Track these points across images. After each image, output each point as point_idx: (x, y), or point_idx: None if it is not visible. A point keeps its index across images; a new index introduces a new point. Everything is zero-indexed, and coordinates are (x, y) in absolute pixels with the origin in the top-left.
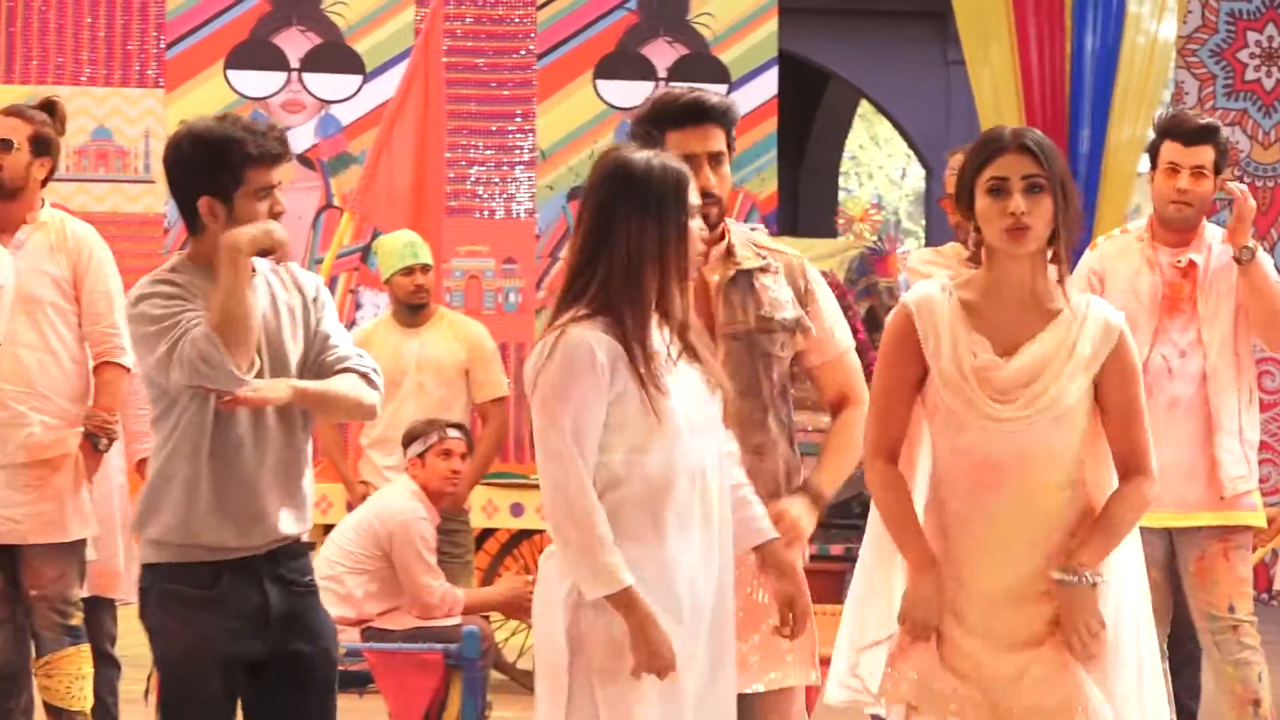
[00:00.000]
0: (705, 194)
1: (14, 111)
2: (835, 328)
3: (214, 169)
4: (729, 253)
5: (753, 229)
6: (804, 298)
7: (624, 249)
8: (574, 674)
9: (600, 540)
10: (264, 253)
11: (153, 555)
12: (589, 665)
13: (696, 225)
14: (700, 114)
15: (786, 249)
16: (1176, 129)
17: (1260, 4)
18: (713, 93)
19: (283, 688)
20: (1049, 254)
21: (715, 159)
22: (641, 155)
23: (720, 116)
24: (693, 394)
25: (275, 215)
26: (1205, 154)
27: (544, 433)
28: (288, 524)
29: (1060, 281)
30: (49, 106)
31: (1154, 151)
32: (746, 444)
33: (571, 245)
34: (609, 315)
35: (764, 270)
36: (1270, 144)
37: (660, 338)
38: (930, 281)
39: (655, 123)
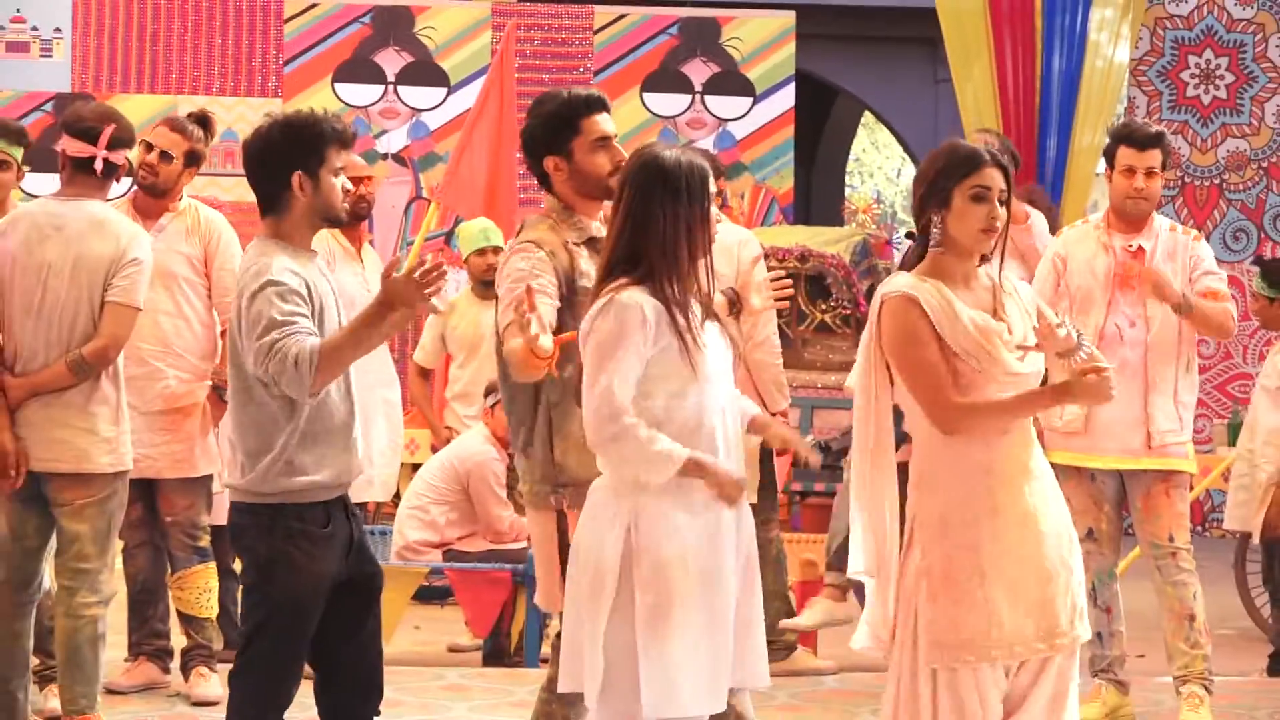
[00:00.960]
0: (619, 166)
1: (177, 127)
2: None
3: (303, 147)
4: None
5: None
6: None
7: (661, 229)
8: (621, 583)
9: (649, 437)
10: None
11: (277, 497)
12: (637, 577)
13: (714, 211)
14: (602, 104)
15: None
16: (1131, 136)
17: (1199, 33)
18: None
19: (356, 604)
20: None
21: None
22: (671, 152)
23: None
24: (714, 348)
25: (349, 195)
26: (1156, 156)
27: (594, 374)
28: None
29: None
30: (204, 121)
31: (1110, 155)
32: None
33: (613, 226)
34: (653, 283)
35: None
36: (1207, 150)
37: (692, 301)
38: (900, 275)
39: (576, 116)
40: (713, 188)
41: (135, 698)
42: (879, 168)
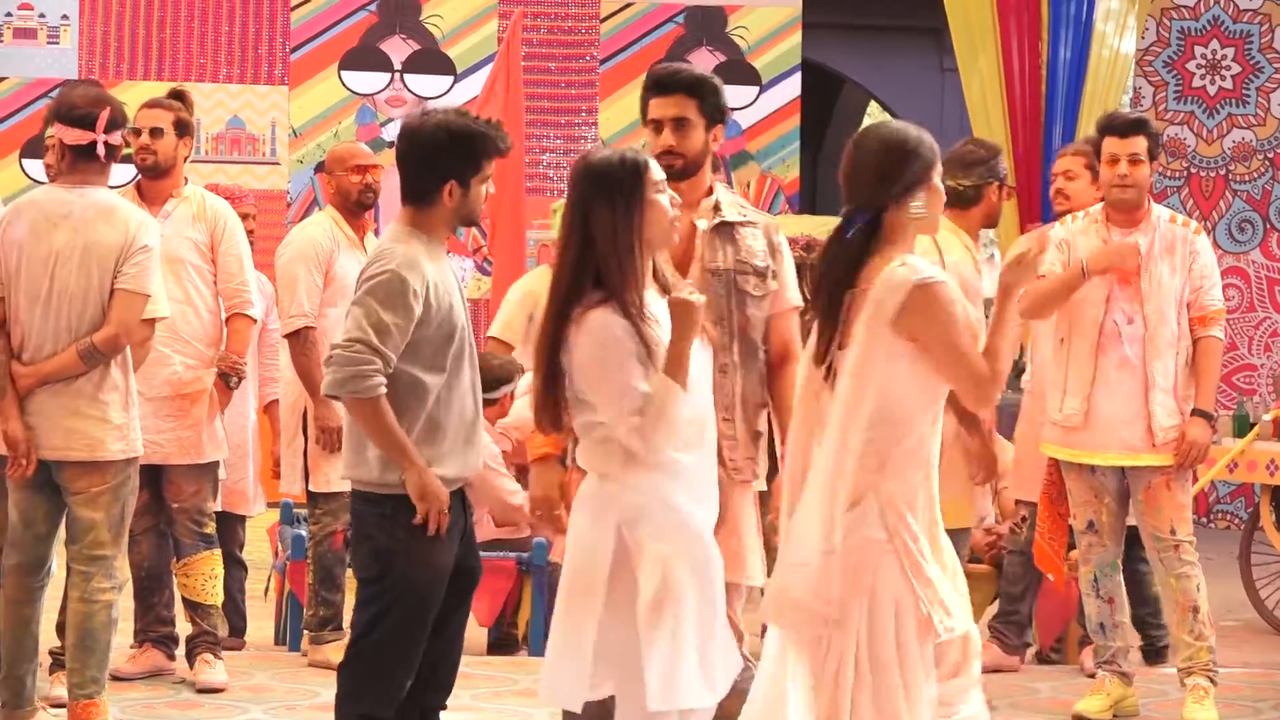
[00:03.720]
0: (667, 151)
1: (156, 103)
2: (788, 287)
3: (464, 158)
4: (716, 207)
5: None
6: (773, 253)
7: (611, 240)
8: (615, 575)
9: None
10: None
11: (398, 488)
12: (633, 571)
13: (665, 197)
14: (666, 85)
15: (763, 215)
16: (1112, 125)
17: (1206, 23)
18: (693, 68)
19: (453, 596)
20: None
21: (678, 123)
22: (602, 153)
23: (686, 87)
24: (694, 357)
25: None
26: (1140, 143)
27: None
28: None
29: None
30: (179, 95)
31: (1097, 148)
32: (715, 363)
33: (562, 236)
34: (615, 300)
35: (744, 224)
36: (1213, 140)
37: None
38: (918, 260)
39: (644, 94)
40: (656, 175)
41: (140, 684)
42: None
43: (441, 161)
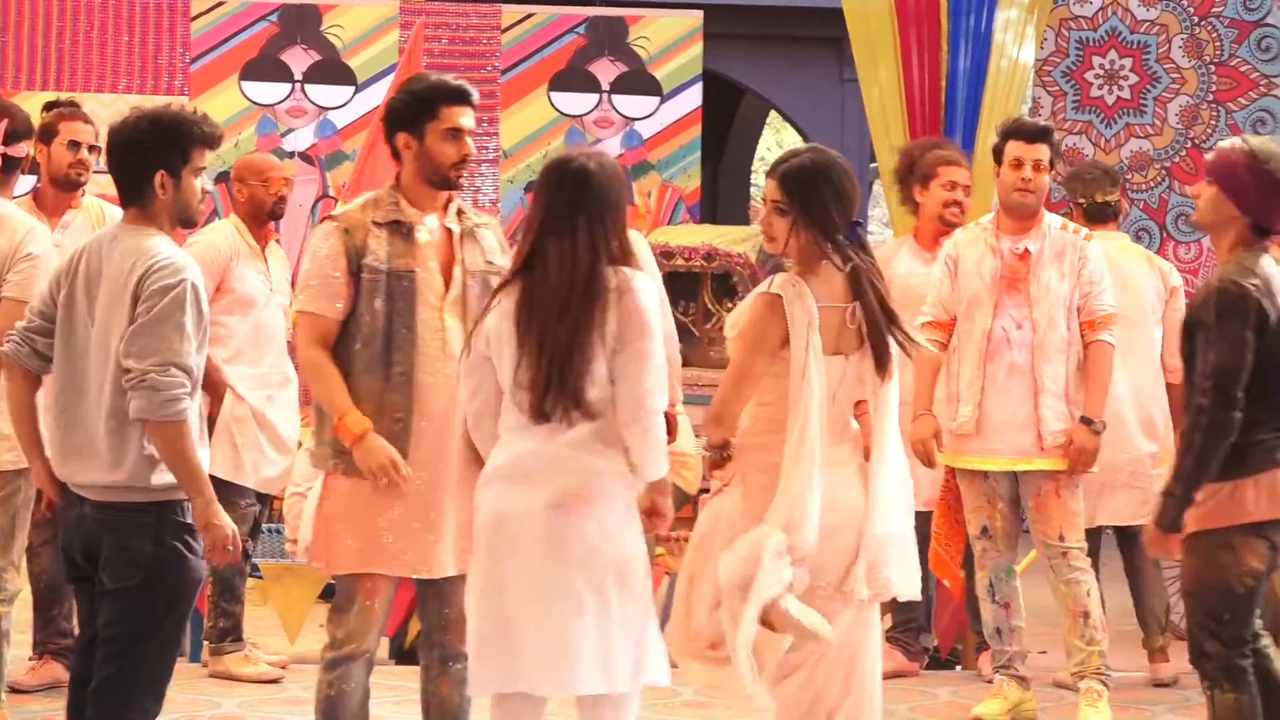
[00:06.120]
0: (465, 160)
1: (89, 119)
2: None
3: (170, 146)
4: (460, 212)
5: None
6: (502, 250)
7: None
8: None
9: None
10: None
11: (166, 495)
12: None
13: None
14: (465, 97)
15: (488, 218)
16: (1020, 129)
17: (1104, 34)
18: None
19: None
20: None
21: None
22: (586, 158)
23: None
24: None
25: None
26: (1043, 150)
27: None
28: None
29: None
30: (73, 105)
31: (999, 151)
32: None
33: (531, 229)
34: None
35: (482, 226)
36: (1111, 149)
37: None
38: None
39: (437, 101)
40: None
41: (39, 696)
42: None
43: (149, 151)
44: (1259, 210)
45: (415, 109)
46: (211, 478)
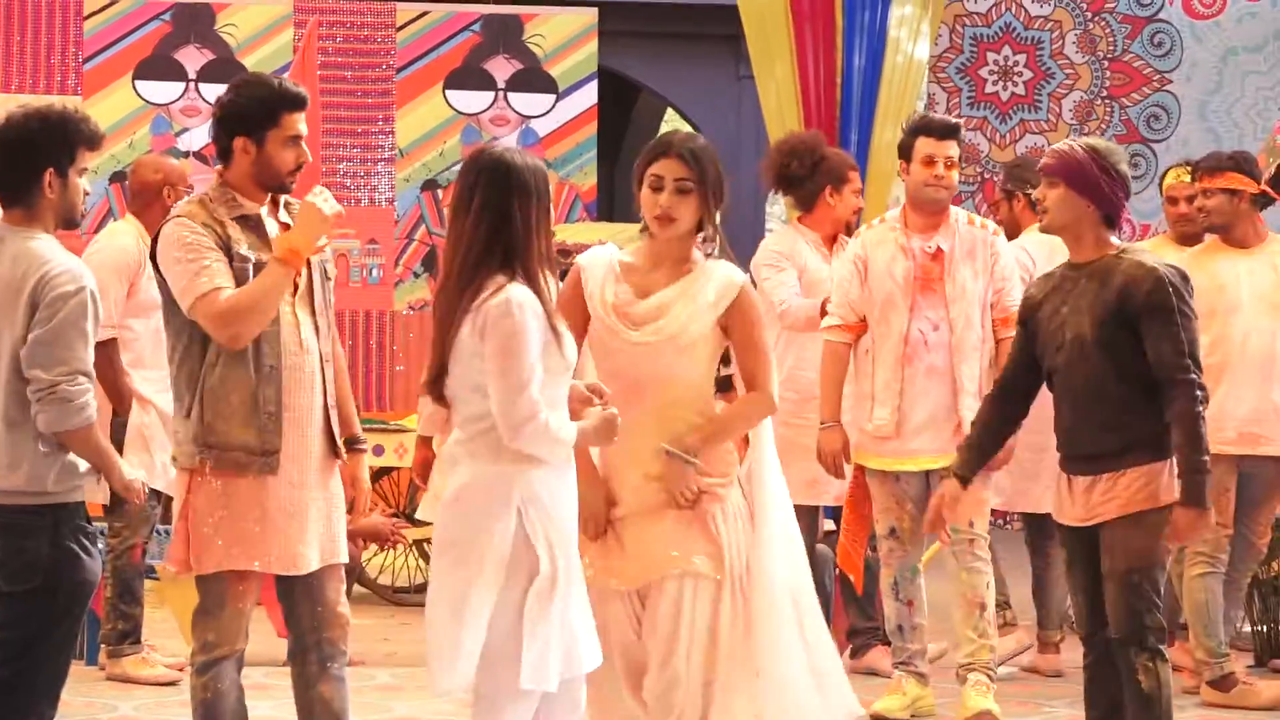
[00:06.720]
0: (301, 166)
1: None
2: None
3: (58, 144)
4: (288, 204)
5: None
6: None
7: (518, 228)
8: (512, 566)
9: (556, 425)
10: None
11: (62, 497)
12: (529, 556)
13: None
14: (304, 103)
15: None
16: (930, 126)
17: (998, 30)
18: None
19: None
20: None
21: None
22: (516, 154)
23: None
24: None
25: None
26: (953, 147)
27: (508, 375)
28: None
29: (713, 254)
30: None
31: (908, 148)
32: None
33: (462, 224)
34: (526, 280)
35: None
36: (1006, 145)
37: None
38: (601, 248)
39: (280, 109)
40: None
41: None
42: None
43: (38, 149)
44: (1110, 203)
45: (256, 114)
46: None
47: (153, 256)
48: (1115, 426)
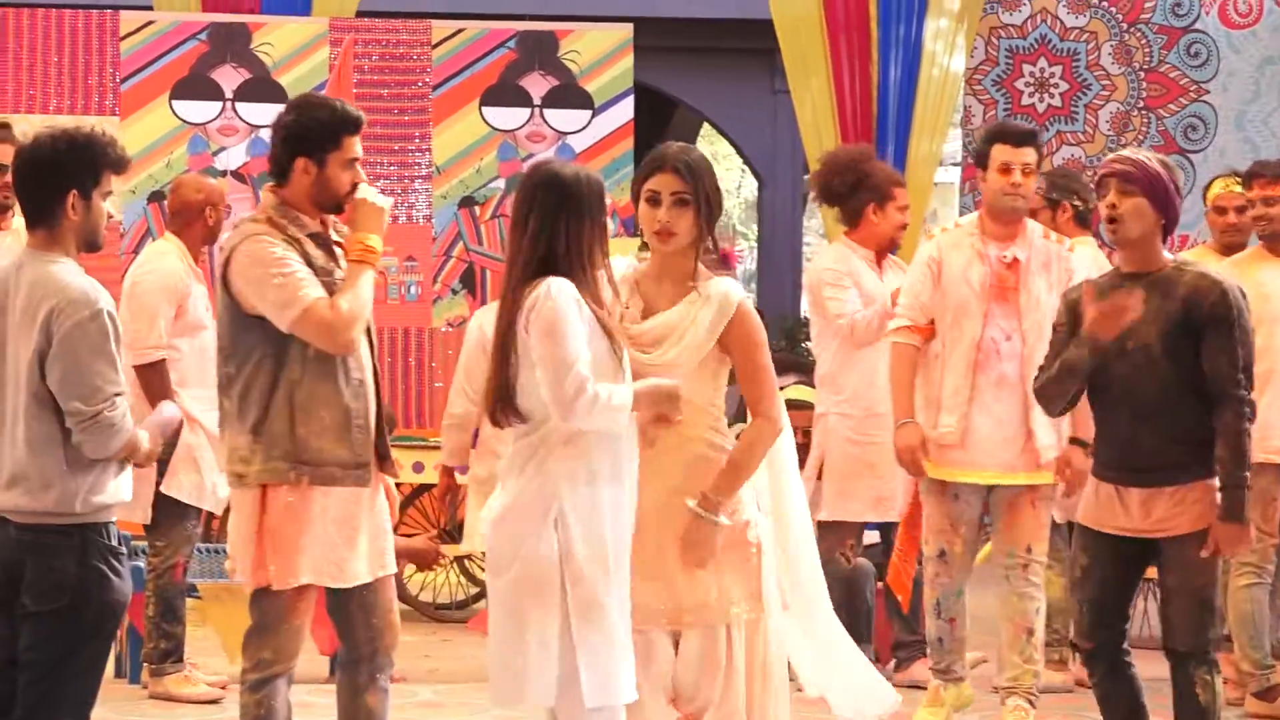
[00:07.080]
0: (356, 188)
1: (5, 138)
2: None
3: (83, 167)
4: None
5: None
6: None
7: (566, 242)
8: (555, 584)
9: (607, 394)
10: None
11: (91, 517)
12: (570, 571)
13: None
14: (361, 126)
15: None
16: (1005, 134)
17: (1033, 42)
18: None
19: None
20: (699, 248)
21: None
22: (569, 168)
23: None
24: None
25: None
26: (1031, 154)
27: (554, 356)
28: None
29: (712, 267)
30: (4, 126)
31: (984, 155)
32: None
33: (518, 237)
34: (579, 282)
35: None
36: (1043, 157)
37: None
38: (615, 260)
39: (341, 131)
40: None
41: None
42: (719, 179)
43: (62, 171)
44: (1174, 216)
45: (319, 136)
46: (174, 501)
47: (223, 277)
48: (1182, 439)
